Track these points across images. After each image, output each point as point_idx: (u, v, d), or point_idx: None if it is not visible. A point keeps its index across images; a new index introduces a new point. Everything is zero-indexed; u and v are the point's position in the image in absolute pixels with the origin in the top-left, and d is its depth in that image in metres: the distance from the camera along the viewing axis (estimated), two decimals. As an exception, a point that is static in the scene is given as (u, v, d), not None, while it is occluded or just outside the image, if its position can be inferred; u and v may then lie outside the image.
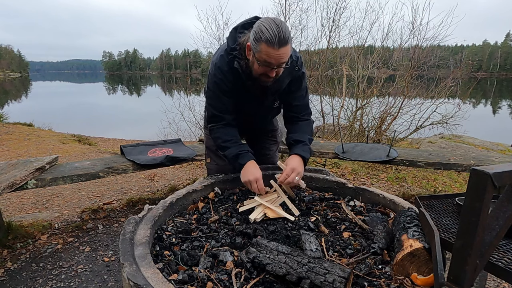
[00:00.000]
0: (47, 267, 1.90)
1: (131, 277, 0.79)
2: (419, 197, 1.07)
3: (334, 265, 0.84)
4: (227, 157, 1.52)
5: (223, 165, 1.82)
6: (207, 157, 1.90)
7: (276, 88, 1.54)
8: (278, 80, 1.46)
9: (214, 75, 1.48)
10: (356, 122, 5.90)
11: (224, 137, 1.54)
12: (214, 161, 1.86)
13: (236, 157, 1.48)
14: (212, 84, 1.50)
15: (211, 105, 1.56)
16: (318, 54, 6.05)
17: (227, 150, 1.52)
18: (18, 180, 1.86)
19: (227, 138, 1.54)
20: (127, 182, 3.47)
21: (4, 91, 31.66)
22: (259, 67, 1.33)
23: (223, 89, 1.49)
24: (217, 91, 1.50)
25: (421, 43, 5.40)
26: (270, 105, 1.66)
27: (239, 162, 1.47)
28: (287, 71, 1.47)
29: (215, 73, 1.48)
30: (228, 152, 1.51)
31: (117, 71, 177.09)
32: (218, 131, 1.57)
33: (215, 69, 1.48)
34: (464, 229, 0.63)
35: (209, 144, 1.87)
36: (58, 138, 6.16)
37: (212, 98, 1.55)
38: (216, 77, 1.47)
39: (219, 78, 1.47)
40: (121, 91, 36.58)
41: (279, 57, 1.27)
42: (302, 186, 1.42)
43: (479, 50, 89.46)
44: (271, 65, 1.30)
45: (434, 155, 2.53)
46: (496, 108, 16.70)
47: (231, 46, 1.43)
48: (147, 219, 1.14)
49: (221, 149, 1.56)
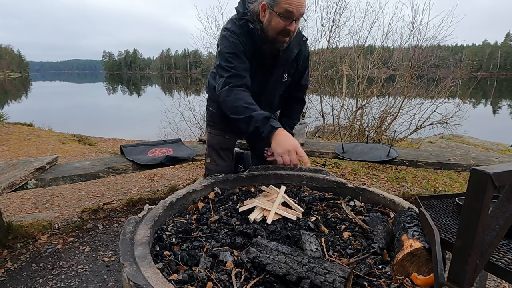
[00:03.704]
0: (47, 267, 1.90)
1: (131, 277, 0.79)
2: (419, 197, 1.07)
3: (334, 265, 0.84)
4: (255, 117, 1.28)
5: (224, 166, 1.83)
6: (208, 157, 1.88)
7: (286, 57, 1.54)
8: (288, 48, 1.48)
9: (230, 36, 1.41)
10: (356, 122, 5.90)
11: (247, 99, 1.36)
12: (214, 161, 1.84)
13: (267, 119, 1.28)
14: (228, 46, 1.41)
15: (229, 66, 1.41)
16: (318, 54, 6.05)
17: (255, 111, 1.30)
18: (18, 180, 1.86)
19: (251, 101, 1.35)
20: (127, 182, 3.47)
21: (4, 91, 31.67)
22: (279, 21, 1.31)
23: (241, 49, 1.42)
24: (236, 51, 1.41)
25: (421, 43, 5.41)
26: (280, 77, 1.62)
27: (272, 124, 1.26)
28: (296, 40, 1.50)
29: (231, 35, 1.41)
30: (257, 114, 1.29)
31: (117, 71, 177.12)
32: (239, 92, 1.38)
33: (230, 33, 1.42)
34: (464, 229, 0.63)
35: (213, 143, 1.85)
36: (58, 138, 6.16)
37: (230, 60, 1.41)
38: (232, 37, 1.41)
39: (235, 38, 1.41)
40: (121, 91, 36.58)
41: (299, 5, 1.29)
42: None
43: (479, 50, 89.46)
44: (292, 15, 1.30)
45: (434, 155, 2.53)
46: (496, 108, 16.69)
47: (242, 12, 1.43)
48: (147, 219, 1.13)
49: (244, 110, 1.32)
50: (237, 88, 1.39)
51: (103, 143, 6.85)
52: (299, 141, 2.68)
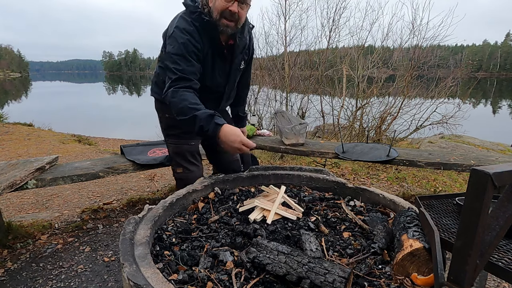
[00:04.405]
0: (47, 267, 1.90)
1: (131, 277, 0.79)
2: (419, 197, 1.07)
3: (334, 265, 0.84)
4: (199, 116, 1.31)
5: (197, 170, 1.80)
6: (177, 167, 1.81)
7: (242, 45, 1.61)
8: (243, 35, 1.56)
9: (180, 36, 1.41)
10: (356, 122, 5.90)
11: (192, 100, 1.37)
12: (187, 169, 1.79)
13: (211, 117, 1.31)
14: (177, 47, 1.41)
15: (177, 69, 1.41)
16: (318, 54, 6.07)
17: (199, 111, 1.33)
18: (18, 180, 1.86)
19: (196, 102, 1.38)
20: (127, 182, 3.47)
21: (4, 91, 31.66)
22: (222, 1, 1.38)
23: (191, 50, 1.43)
24: (185, 53, 1.41)
25: (421, 43, 5.41)
26: (238, 65, 1.67)
27: (216, 122, 1.29)
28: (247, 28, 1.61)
29: (180, 35, 1.41)
30: (201, 113, 1.32)
31: (117, 71, 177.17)
32: (184, 93, 1.39)
33: (179, 32, 1.42)
34: (464, 229, 0.63)
35: (179, 151, 1.79)
36: (58, 138, 6.16)
37: (178, 62, 1.41)
38: (182, 38, 1.41)
39: (185, 39, 1.41)
40: (121, 91, 36.58)
41: None
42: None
43: (479, 50, 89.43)
44: None
45: (434, 155, 2.53)
46: (496, 108, 16.69)
47: (193, 5, 1.46)
48: (147, 219, 1.14)
49: (189, 110, 1.34)
50: (182, 89, 1.40)
51: (103, 143, 6.85)
52: (299, 141, 2.70)
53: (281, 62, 6.23)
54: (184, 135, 1.79)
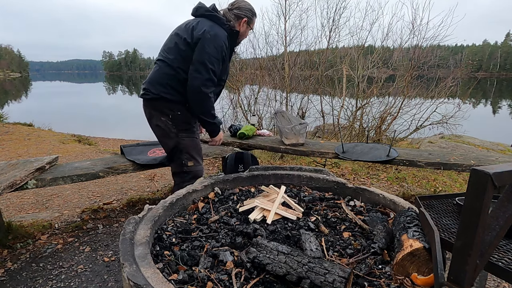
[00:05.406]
0: (47, 267, 1.90)
1: (131, 277, 0.79)
2: (419, 197, 1.07)
3: (334, 265, 0.84)
4: (217, 124, 2.00)
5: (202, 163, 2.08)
6: (189, 160, 1.95)
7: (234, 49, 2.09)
8: None
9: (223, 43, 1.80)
10: (356, 122, 5.89)
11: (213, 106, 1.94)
12: (198, 162, 2.01)
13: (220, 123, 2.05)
14: (219, 51, 1.79)
15: (212, 70, 1.79)
16: (318, 54, 6.06)
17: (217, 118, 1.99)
18: (18, 180, 1.86)
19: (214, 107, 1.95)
20: (127, 182, 3.47)
21: (4, 91, 31.65)
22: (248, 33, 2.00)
23: (224, 54, 1.83)
24: (221, 57, 1.81)
25: (421, 43, 5.40)
26: None
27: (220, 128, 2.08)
28: None
29: (224, 41, 1.80)
30: (218, 120, 2.00)
31: (117, 71, 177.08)
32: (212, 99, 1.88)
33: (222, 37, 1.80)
34: (464, 229, 0.63)
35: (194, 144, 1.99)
36: (58, 138, 6.16)
37: (216, 64, 1.80)
38: (224, 44, 1.81)
39: (223, 43, 1.80)
40: (121, 91, 36.56)
41: None
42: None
43: (479, 50, 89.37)
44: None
45: (434, 155, 2.53)
46: (496, 108, 16.68)
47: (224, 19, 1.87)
48: (147, 219, 1.14)
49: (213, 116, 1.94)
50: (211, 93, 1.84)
51: (103, 143, 6.85)
52: (299, 141, 2.70)
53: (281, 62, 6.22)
54: (195, 130, 2.02)
